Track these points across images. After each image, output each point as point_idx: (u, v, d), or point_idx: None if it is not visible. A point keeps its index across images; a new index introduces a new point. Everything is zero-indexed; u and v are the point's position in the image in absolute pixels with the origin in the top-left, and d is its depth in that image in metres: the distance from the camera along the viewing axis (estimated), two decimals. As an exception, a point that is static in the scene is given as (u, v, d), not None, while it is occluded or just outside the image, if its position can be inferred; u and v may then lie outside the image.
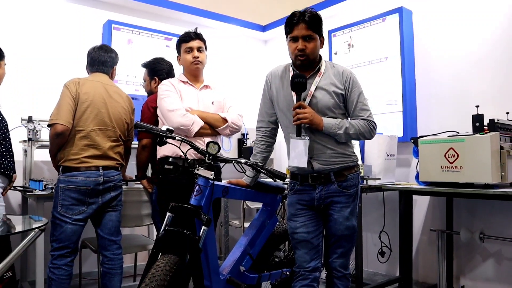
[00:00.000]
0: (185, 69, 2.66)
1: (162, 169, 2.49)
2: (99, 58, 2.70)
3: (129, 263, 3.71)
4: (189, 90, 2.60)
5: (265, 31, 5.11)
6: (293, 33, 2.06)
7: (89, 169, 2.49)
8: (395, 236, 3.49)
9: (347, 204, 2.10)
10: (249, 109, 4.68)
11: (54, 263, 2.43)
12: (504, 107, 2.97)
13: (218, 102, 2.67)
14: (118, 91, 2.73)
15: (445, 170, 2.71)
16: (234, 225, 4.05)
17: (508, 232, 2.96)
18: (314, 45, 2.07)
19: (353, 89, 2.11)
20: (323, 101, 2.07)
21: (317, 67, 2.12)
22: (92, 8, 3.99)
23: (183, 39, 2.62)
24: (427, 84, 3.61)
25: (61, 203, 2.45)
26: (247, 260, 2.42)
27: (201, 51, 2.63)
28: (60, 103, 2.50)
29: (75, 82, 2.56)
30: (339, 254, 2.13)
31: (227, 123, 2.58)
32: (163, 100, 2.51)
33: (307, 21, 2.03)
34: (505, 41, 3.13)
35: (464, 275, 3.30)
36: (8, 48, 2.80)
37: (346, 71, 2.14)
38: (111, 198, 2.60)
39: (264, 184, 2.45)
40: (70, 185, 2.45)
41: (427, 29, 3.63)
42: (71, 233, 2.46)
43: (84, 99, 2.53)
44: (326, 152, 2.07)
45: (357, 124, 2.09)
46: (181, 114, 2.44)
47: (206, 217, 1.99)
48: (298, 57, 2.07)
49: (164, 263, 1.85)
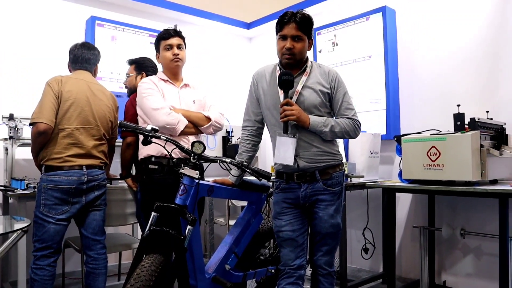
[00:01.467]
0: (165, 67, 2.62)
1: (146, 168, 2.46)
2: (82, 56, 2.66)
3: (113, 262, 3.68)
4: (170, 89, 2.57)
5: (250, 29, 5.10)
6: (283, 32, 2.10)
7: (72, 168, 2.46)
8: (378, 233, 3.54)
9: (332, 202, 2.13)
10: (234, 107, 4.69)
11: (37, 264, 2.40)
12: (485, 106, 3.03)
13: (199, 101, 2.65)
14: (102, 89, 2.69)
15: (427, 168, 2.75)
16: (219, 223, 4.04)
17: (488, 228, 3.03)
18: (302, 46, 2.10)
19: (338, 88, 2.16)
20: (309, 99, 2.10)
21: (303, 67, 2.16)
22: (75, 3, 3.93)
23: (162, 36, 2.58)
24: (410, 83, 3.66)
25: (43, 202, 2.42)
26: (233, 258, 2.43)
27: (180, 49, 2.59)
28: (42, 102, 2.45)
29: (58, 80, 2.52)
30: (324, 251, 2.15)
31: (210, 122, 2.58)
32: (146, 99, 2.46)
33: (297, 21, 2.07)
34: (487, 41, 3.19)
35: (445, 270, 3.37)
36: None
37: (332, 71, 2.19)
38: (95, 197, 2.57)
39: (249, 182, 2.45)
40: (53, 185, 2.42)
41: (410, 29, 3.68)
42: (54, 233, 2.42)
43: (67, 97, 2.49)
44: (312, 150, 2.10)
45: (343, 123, 2.13)
46: (167, 112, 2.41)
47: (191, 216, 1.99)
48: (285, 55, 2.10)
49: (149, 263, 1.85)
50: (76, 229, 2.67)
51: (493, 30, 3.16)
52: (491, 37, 3.18)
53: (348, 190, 3.16)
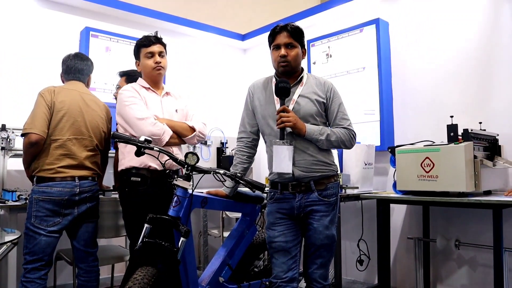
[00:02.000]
0: (146, 75, 2.53)
1: (128, 181, 2.37)
2: (75, 66, 2.65)
3: (106, 275, 3.63)
4: (153, 97, 2.49)
5: (245, 40, 5.12)
6: (276, 41, 2.16)
7: (64, 180, 2.43)
8: (373, 244, 3.52)
9: (326, 213, 2.12)
10: (229, 119, 4.70)
11: (27, 277, 2.35)
12: (477, 117, 3.05)
13: (182, 110, 2.59)
14: (95, 100, 2.68)
15: (422, 179, 2.75)
16: (213, 235, 4.01)
17: (482, 239, 3.03)
18: (295, 53, 2.16)
19: (334, 99, 2.20)
20: (305, 108, 2.13)
21: (299, 77, 2.20)
22: (69, 14, 3.93)
23: (142, 43, 2.49)
24: (404, 94, 3.69)
25: (34, 214, 2.38)
26: (226, 270, 2.41)
27: (162, 56, 2.51)
28: (34, 112, 2.44)
29: (50, 90, 2.50)
30: (318, 264, 2.12)
31: (195, 132, 2.51)
32: (129, 108, 2.36)
33: (289, 30, 2.14)
34: (479, 52, 3.23)
35: (440, 281, 3.36)
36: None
37: (328, 82, 2.24)
38: (87, 209, 2.54)
39: (243, 194, 2.44)
40: (45, 196, 2.39)
41: (403, 41, 3.71)
42: (45, 245, 2.39)
43: (60, 108, 2.47)
44: (307, 159, 2.10)
45: (338, 132, 2.15)
46: (152, 123, 2.33)
47: (184, 228, 1.97)
48: (281, 63, 2.15)
49: (142, 276, 1.83)
50: (68, 241, 2.64)
51: (485, 42, 3.20)
52: (483, 48, 3.21)
53: (343, 201, 3.15)
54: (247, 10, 5.85)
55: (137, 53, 2.53)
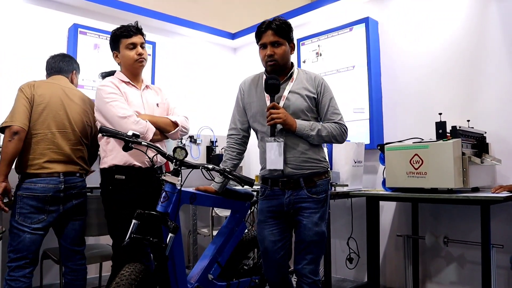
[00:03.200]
0: (126, 67, 2.43)
1: (112, 179, 2.30)
2: (57, 63, 2.66)
3: (93, 274, 3.59)
4: (133, 92, 2.42)
5: (235, 39, 5.11)
6: (262, 40, 2.16)
7: (49, 175, 2.38)
8: (363, 242, 3.53)
9: (316, 209, 2.12)
10: (219, 117, 4.68)
11: (11, 275, 2.30)
12: (465, 115, 3.08)
13: (163, 104, 2.53)
14: (79, 94, 2.64)
15: (411, 176, 2.77)
16: (202, 234, 3.99)
17: (471, 236, 3.05)
18: (282, 50, 2.14)
19: (324, 93, 2.20)
20: (296, 104, 2.13)
21: (289, 73, 2.20)
22: (57, 11, 3.88)
23: (122, 34, 2.38)
24: (393, 92, 3.70)
25: (19, 211, 2.34)
26: (216, 268, 2.39)
27: (143, 48, 2.43)
28: (14, 107, 2.39)
29: (30, 84, 2.46)
30: (308, 260, 2.12)
31: (178, 127, 2.44)
32: (109, 105, 2.27)
33: (274, 28, 2.12)
34: (467, 51, 3.25)
35: (429, 279, 3.38)
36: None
37: (318, 77, 2.23)
38: (73, 206, 2.49)
39: (233, 190, 2.43)
40: (29, 193, 2.34)
41: (392, 39, 3.73)
42: (30, 243, 2.34)
43: (40, 101, 2.42)
44: (297, 156, 2.11)
45: (329, 127, 2.15)
46: (134, 121, 2.25)
47: (173, 224, 1.95)
48: (268, 62, 2.15)
49: (129, 272, 1.81)
50: (55, 240, 2.59)
51: (473, 40, 3.23)
52: (471, 47, 3.24)
53: (332, 199, 3.15)
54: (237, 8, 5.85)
55: (116, 44, 2.42)
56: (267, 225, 2.18)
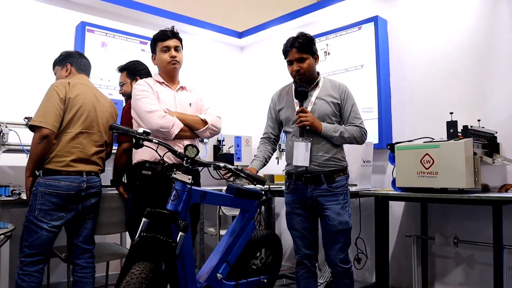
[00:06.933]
0: (161, 69, 2.55)
1: (140, 174, 2.38)
2: (84, 62, 2.69)
3: (100, 273, 3.58)
4: (166, 91, 2.49)
5: (242, 38, 5.09)
6: (288, 58, 2.42)
7: (74, 174, 2.39)
8: (371, 242, 3.50)
9: (336, 201, 2.36)
10: (226, 115, 4.66)
11: (25, 270, 2.29)
12: (475, 115, 3.04)
13: (196, 104, 2.59)
14: (103, 96, 2.69)
15: (421, 175, 2.74)
16: (209, 233, 3.97)
17: (481, 236, 3.02)
18: (307, 65, 2.39)
19: (347, 100, 2.44)
20: (322, 109, 2.39)
21: (316, 82, 2.45)
22: (65, 9, 3.88)
23: (159, 37, 2.50)
24: (402, 92, 3.68)
25: (39, 207, 2.32)
26: (225, 267, 2.37)
27: (178, 51, 2.52)
28: (46, 106, 2.37)
29: (65, 84, 2.45)
30: (337, 250, 2.36)
31: (207, 125, 2.50)
32: (140, 101, 2.38)
33: (297, 46, 2.36)
34: (477, 50, 3.22)
35: (438, 279, 3.34)
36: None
37: (342, 85, 2.49)
38: (91, 205, 2.51)
39: (242, 189, 2.41)
40: (52, 189, 2.33)
41: (401, 38, 3.70)
42: (46, 240, 2.34)
43: (75, 102, 2.44)
44: (321, 155, 2.36)
45: (351, 130, 2.41)
46: (160, 115, 2.33)
47: (183, 222, 1.93)
48: (296, 77, 2.42)
49: (139, 271, 1.78)
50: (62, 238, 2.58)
51: (483, 39, 3.20)
52: (481, 46, 3.21)
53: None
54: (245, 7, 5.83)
55: (154, 47, 2.54)
56: (294, 215, 2.45)
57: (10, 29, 3.58)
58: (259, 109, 4.81)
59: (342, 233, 2.36)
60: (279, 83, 2.73)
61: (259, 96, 4.87)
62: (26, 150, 3.09)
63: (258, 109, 4.82)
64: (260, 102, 4.83)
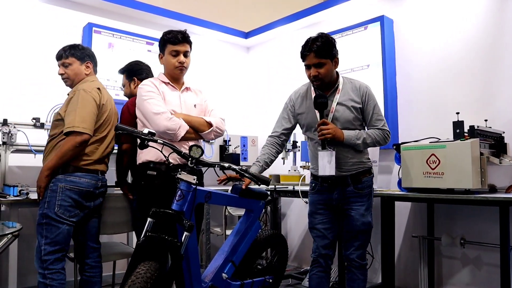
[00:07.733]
0: (167, 71, 2.54)
1: (145, 174, 2.39)
2: (96, 62, 2.71)
3: (106, 272, 3.60)
4: (172, 92, 2.50)
5: (248, 38, 5.10)
6: (305, 62, 2.33)
7: (90, 172, 2.44)
8: (377, 243, 3.49)
9: (362, 202, 2.38)
10: (232, 115, 4.67)
11: (52, 268, 2.28)
12: (482, 115, 3.02)
13: (200, 105, 2.60)
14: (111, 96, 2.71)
15: (427, 176, 2.72)
16: (215, 233, 3.98)
17: (488, 237, 3.00)
18: (325, 70, 2.30)
19: (369, 102, 2.39)
20: (344, 116, 2.35)
21: (335, 85, 2.38)
22: (72, 10, 3.92)
23: (169, 40, 2.46)
24: (408, 92, 3.66)
25: (59, 203, 2.32)
26: (230, 267, 2.38)
27: (187, 56, 2.51)
28: (84, 110, 2.38)
29: (96, 89, 2.49)
30: (356, 246, 2.38)
31: (212, 127, 2.50)
32: (146, 102, 2.38)
33: (315, 50, 2.25)
34: (484, 49, 3.20)
35: (445, 280, 3.33)
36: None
37: (363, 86, 2.41)
38: (99, 204, 2.56)
39: (248, 189, 2.41)
40: (73, 186, 2.36)
41: (407, 38, 3.69)
42: (68, 235, 2.36)
43: (105, 109, 2.51)
44: (346, 161, 2.36)
45: (373, 134, 2.38)
46: (167, 117, 2.33)
47: (188, 222, 1.94)
48: (314, 82, 2.36)
49: (144, 270, 1.80)
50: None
51: (490, 39, 3.17)
52: (488, 46, 3.18)
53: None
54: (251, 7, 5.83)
55: (163, 47, 2.50)
56: (318, 215, 2.45)
57: (18, 31, 3.62)
58: (265, 109, 4.82)
59: (364, 232, 2.38)
60: (285, 83, 2.73)
61: (265, 96, 4.88)
62: (34, 150, 3.13)
63: (264, 109, 4.83)
64: (266, 102, 4.84)
